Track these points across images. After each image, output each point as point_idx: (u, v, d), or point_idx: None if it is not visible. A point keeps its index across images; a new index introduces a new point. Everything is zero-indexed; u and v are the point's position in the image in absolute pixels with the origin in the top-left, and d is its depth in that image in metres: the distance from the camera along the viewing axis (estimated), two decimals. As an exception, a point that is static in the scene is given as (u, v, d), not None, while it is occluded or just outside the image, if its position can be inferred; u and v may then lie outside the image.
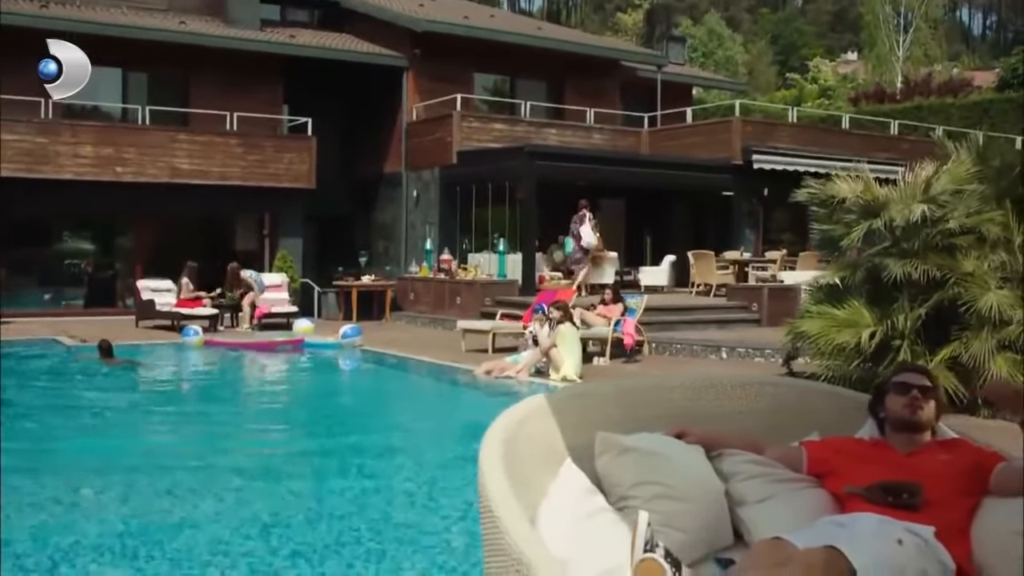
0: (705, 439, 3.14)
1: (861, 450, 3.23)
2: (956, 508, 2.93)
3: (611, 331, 12.89)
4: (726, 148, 21.80)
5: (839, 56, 65.23)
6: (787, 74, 56.96)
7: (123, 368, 12.65)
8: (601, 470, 2.87)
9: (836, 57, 63.90)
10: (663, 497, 2.81)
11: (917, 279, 8.97)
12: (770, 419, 3.41)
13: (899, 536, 2.73)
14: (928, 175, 9.35)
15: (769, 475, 3.12)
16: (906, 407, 3.19)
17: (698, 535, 2.83)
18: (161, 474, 6.93)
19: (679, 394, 3.34)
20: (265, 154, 20.92)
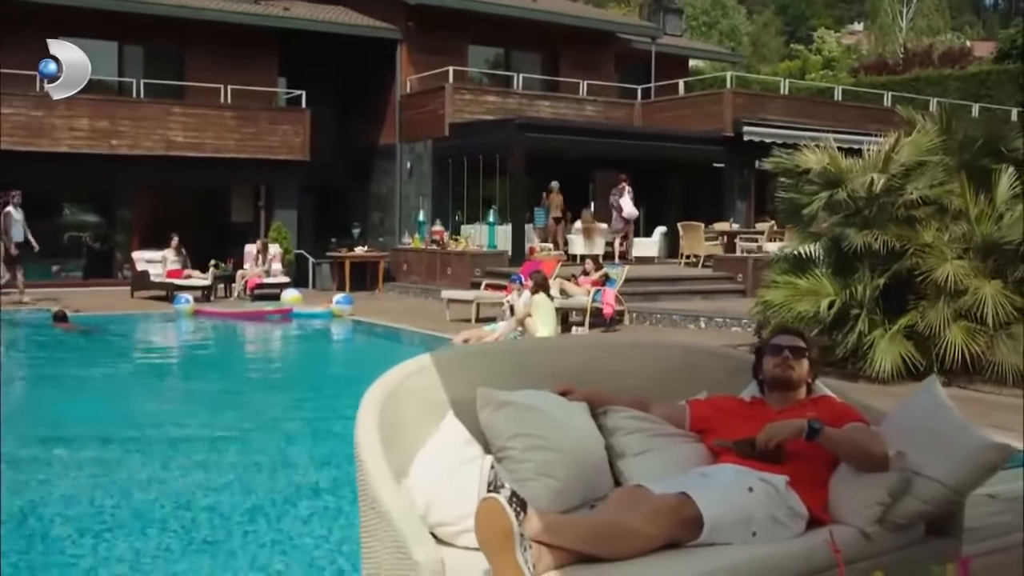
0: (590, 396, 3.37)
1: (739, 408, 3.46)
2: (815, 460, 3.15)
3: (590, 301, 13.11)
4: (717, 120, 21.93)
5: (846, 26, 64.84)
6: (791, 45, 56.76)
7: (77, 334, 12.90)
8: (483, 423, 3.09)
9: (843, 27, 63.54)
10: (537, 448, 3.03)
11: (877, 249, 9.16)
12: (661, 379, 3.63)
13: (751, 484, 2.97)
14: (888, 147, 9.51)
15: (650, 430, 3.35)
16: (778, 367, 3.42)
17: (572, 483, 3.04)
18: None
19: (572, 355, 3.57)
20: (259, 126, 21.14)
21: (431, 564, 2.25)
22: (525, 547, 2.48)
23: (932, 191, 9.45)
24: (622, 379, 3.56)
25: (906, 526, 3.11)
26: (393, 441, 2.85)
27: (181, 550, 4.79)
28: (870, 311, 9.07)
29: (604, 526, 2.72)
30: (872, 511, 3.04)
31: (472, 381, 3.21)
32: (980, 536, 4.49)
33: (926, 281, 8.92)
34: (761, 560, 2.75)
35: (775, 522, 2.92)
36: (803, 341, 3.52)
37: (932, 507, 3.12)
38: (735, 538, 2.82)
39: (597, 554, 2.65)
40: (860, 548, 2.99)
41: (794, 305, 9.18)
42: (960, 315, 8.86)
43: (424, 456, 2.89)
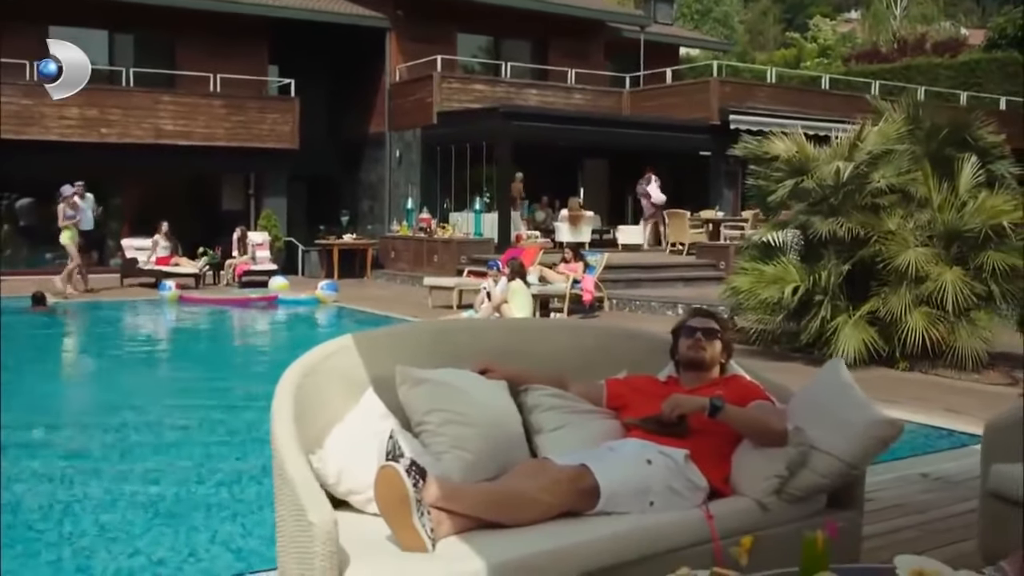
0: (510, 375, 3.53)
1: (654, 387, 3.63)
2: (717, 436, 3.32)
3: (568, 288, 13.28)
4: (704, 109, 22.07)
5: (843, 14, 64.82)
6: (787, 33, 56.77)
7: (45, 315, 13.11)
8: (401, 399, 3.26)
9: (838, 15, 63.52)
10: (452, 423, 3.20)
11: (842, 237, 9.32)
12: (583, 359, 3.79)
13: (650, 457, 3.14)
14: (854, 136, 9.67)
15: (566, 407, 3.52)
16: (690, 348, 3.59)
17: (485, 456, 3.19)
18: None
19: (495, 335, 3.74)
20: (248, 115, 21.28)
21: (324, 525, 2.41)
22: (422, 512, 2.65)
23: (898, 179, 9.61)
24: (544, 359, 3.72)
25: (804, 498, 3.27)
26: (311, 415, 3.02)
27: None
28: (834, 297, 9.23)
29: (502, 494, 2.89)
30: (770, 483, 3.21)
31: (395, 360, 3.36)
32: (904, 511, 4.71)
33: (888, 268, 9.08)
34: (653, 528, 2.92)
35: (673, 493, 3.09)
36: (716, 324, 3.69)
37: (829, 480, 3.28)
38: (632, 507, 2.99)
39: (496, 520, 2.82)
40: (758, 518, 3.16)
41: (759, 291, 9.34)
42: (921, 301, 9.03)
43: (341, 429, 3.05)
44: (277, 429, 2.77)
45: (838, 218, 9.36)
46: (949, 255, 9.34)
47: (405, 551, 2.63)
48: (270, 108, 21.71)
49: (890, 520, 4.54)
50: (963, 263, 9.24)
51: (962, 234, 9.24)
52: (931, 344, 8.88)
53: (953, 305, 8.80)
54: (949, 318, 8.90)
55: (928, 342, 8.87)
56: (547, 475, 2.97)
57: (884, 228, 9.29)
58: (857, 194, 9.56)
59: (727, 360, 3.74)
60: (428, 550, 2.64)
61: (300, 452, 2.70)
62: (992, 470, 3.72)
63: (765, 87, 24.40)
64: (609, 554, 2.79)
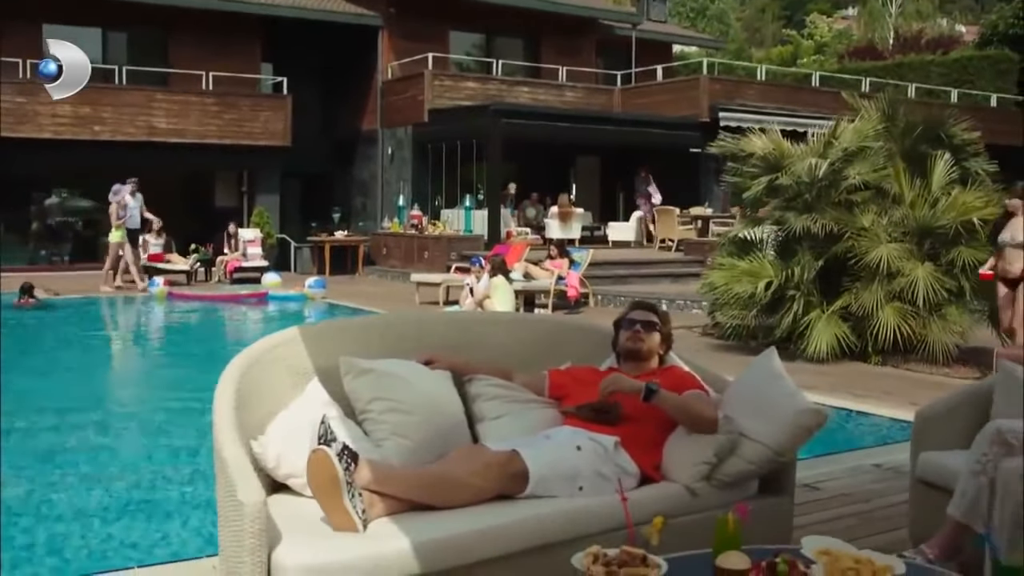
0: (455, 365, 3.67)
1: (594, 377, 3.76)
2: (650, 423, 3.46)
3: (553, 284, 13.42)
4: (694, 106, 22.20)
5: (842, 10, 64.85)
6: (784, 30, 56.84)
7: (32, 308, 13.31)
8: (346, 388, 3.40)
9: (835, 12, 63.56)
10: (393, 411, 3.33)
11: (816, 233, 9.45)
12: (529, 350, 3.93)
13: (580, 443, 3.28)
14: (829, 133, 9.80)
15: (508, 397, 3.66)
16: (630, 339, 3.73)
17: (425, 443, 3.32)
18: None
19: (442, 328, 3.88)
20: (241, 113, 21.40)
21: (253, 505, 2.55)
22: (353, 494, 2.79)
23: (873, 176, 9.74)
24: (491, 350, 3.86)
25: (733, 484, 3.41)
26: (255, 403, 3.16)
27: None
28: (807, 293, 9.36)
29: (434, 477, 3.03)
30: (699, 469, 3.35)
31: (342, 351, 3.50)
32: (851, 500, 4.85)
33: (861, 264, 9.21)
34: (578, 511, 3.06)
35: (602, 478, 3.22)
36: (656, 316, 3.83)
37: (756, 466, 3.42)
38: (561, 491, 3.13)
39: (428, 502, 2.96)
40: (686, 503, 3.30)
41: (733, 286, 9.46)
42: (894, 297, 9.15)
43: (283, 416, 3.19)
44: (217, 415, 2.92)
45: (812, 214, 9.49)
46: (922, 251, 9.47)
47: (337, 531, 2.77)
48: (262, 106, 21.83)
49: (835, 508, 4.68)
50: (936, 259, 9.37)
51: (934, 230, 9.37)
52: (903, 339, 9.01)
53: (924, 300, 8.93)
54: (921, 313, 9.02)
55: (900, 337, 8.99)
56: (478, 460, 3.11)
57: (857, 224, 9.41)
58: (833, 190, 9.68)
59: (666, 352, 3.88)
60: (359, 530, 2.77)
61: (236, 437, 2.83)
62: (920, 458, 3.86)
63: (755, 84, 24.53)
64: (534, 535, 2.93)
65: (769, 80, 25.93)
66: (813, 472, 5.31)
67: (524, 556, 2.91)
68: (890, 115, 10.24)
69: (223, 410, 2.93)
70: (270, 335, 3.45)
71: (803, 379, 8.49)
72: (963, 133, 10.15)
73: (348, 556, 2.63)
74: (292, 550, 2.61)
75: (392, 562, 2.67)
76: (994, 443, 3.44)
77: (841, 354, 9.24)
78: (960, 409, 3.94)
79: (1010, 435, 3.43)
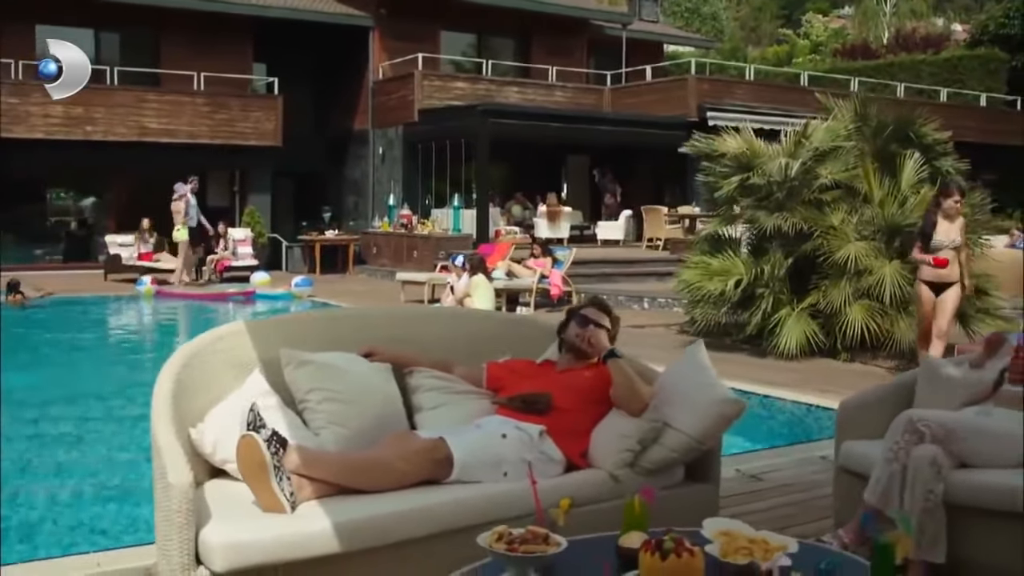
0: (395, 358, 3.83)
1: (529, 369, 3.93)
2: (579, 414, 3.63)
3: (535, 282, 13.58)
4: (682, 106, 22.34)
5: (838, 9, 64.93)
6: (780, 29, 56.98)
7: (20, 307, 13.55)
8: (286, 379, 3.56)
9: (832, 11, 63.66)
10: (330, 400, 3.49)
11: (786, 231, 9.60)
12: (469, 344, 4.09)
13: (505, 432, 3.45)
14: (800, 133, 9.95)
15: (446, 388, 3.82)
16: (578, 336, 3.86)
17: (361, 431, 3.47)
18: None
19: (384, 322, 4.03)
20: (232, 113, 21.56)
21: (181, 486, 2.71)
22: (281, 477, 2.95)
23: (844, 175, 9.90)
24: (431, 344, 4.02)
25: (657, 471, 3.58)
26: (196, 392, 3.32)
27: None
28: (777, 291, 9.51)
29: (361, 462, 3.20)
30: (622, 456, 3.52)
31: (285, 344, 3.66)
32: (792, 490, 5.01)
33: (829, 262, 9.37)
34: (501, 494, 3.22)
35: (527, 464, 3.37)
36: (608, 320, 3.96)
37: (678, 454, 3.59)
38: (486, 477, 3.30)
39: (355, 486, 3.12)
40: (610, 489, 3.46)
41: (704, 284, 9.62)
42: (862, 294, 9.30)
43: (223, 405, 3.35)
44: (155, 404, 3.08)
45: (783, 213, 9.64)
46: (891, 249, 9.62)
47: (266, 512, 2.93)
48: (253, 106, 21.99)
49: (775, 498, 4.84)
50: (904, 257, 9.51)
51: (903, 228, 9.51)
52: (870, 336, 9.16)
53: (891, 298, 9.07)
54: (888, 311, 9.17)
55: (867, 334, 9.14)
56: (405, 446, 3.27)
57: (827, 223, 9.57)
58: (806, 189, 9.83)
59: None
60: (287, 511, 2.94)
61: (171, 424, 3.00)
62: (843, 447, 4.02)
63: (744, 84, 24.67)
64: (455, 518, 3.09)
65: (758, 80, 26.07)
66: (760, 464, 5.47)
67: (447, 537, 3.06)
68: (862, 115, 10.39)
69: (161, 399, 3.09)
70: (215, 328, 3.61)
71: (770, 375, 8.69)
72: (933, 133, 10.30)
73: (271, 534, 2.80)
74: (218, 529, 2.77)
75: (315, 540, 2.83)
76: (906, 431, 3.60)
77: (811, 351, 9.40)
78: (884, 400, 4.10)
79: (921, 424, 3.59)
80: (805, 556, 2.75)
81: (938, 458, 3.50)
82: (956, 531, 3.48)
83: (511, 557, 2.47)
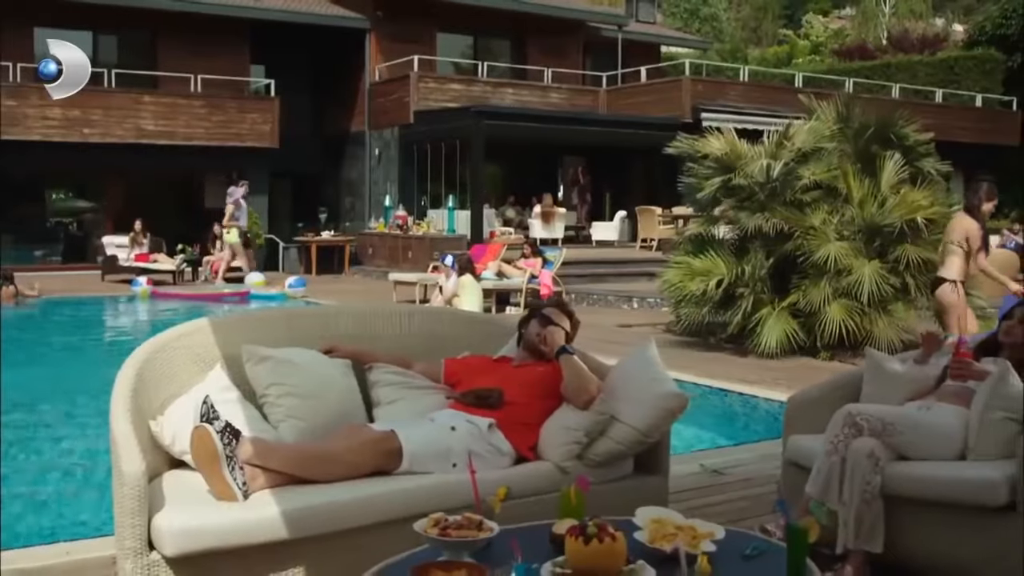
0: (355, 354, 3.96)
1: (485, 365, 4.06)
2: (530, 408, 3.75)
3: (525, 282, 13.71)
4: (677, 107, 22.46)
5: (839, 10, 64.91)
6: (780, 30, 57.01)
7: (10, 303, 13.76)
8: (247, 374, 3.69)
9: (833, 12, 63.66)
10: (289, 395, 3.62)
11: (767, 232, 9.72)
12: (429, 341, 4.22)
13: (455, 424, 3.58)
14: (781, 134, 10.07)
15: (404, 383, 3.95)
16: (538, 335, 3.98)
17: (318, 425, 3.59)
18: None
19: (346, 320, 4.15)
20: (228, 115, 21.72)
21: (133, 474, 2.84)
22: (233, 467, 3.09)
23: (826, 176, 10.01)
24: (393, 340, 4.15)
25: (604, 463, 3.69)
26: (158, 386, 3.46)
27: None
28: (758, 291, 9.63)
29: (312, 453, 3.33)
30: (569, 448, 3.65)
31: (249, 340, 3.79)
32: (750, 484, 5.13)
33: (808, 262, 9.48)
34: (448, 484, 3.34)
35: (476, 456, 3.49)
36: (568, 320, 4.08)
37: (624, 447, 3.71)
38: (436, 468, 3.42)
39: (306, 476, 3.25)
40: (557, 480, 3.57)
41: (687, 284, 9.74)
42: (841, 294, 9.41)
43: (184, 398, 3.48)
44: (114, 396, 3.21)
45: (765, 213, 9.76)
46: (871, 249, 9.73)
47: (218, 500, 3.06)
48: (249, 108, 22.15)
49: (734, 492, 4.97)
50: (883, 257, 9.64)
51: (882, 228, 9.63)
52: (849, 334, 9.27)
53: (869, 297, 9.19)
54: (866, 310, 9.28)
55: (846, 333, 9.25)
56: (356, 437, 3.40)
57: (808, 223, 9.68)
58: (788, 190, 9.95)
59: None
60: (239, 500, 3.07)
61: (129, 416, 3.13)
62: (789, 441, 4.15)
63: (738, 85, 24.79)
64: (402, 506, 3.21)
65: (753, 81, 26.18)
66: (724, 459, 5.60)
67: (395, 525, 3.17)
68: (844, 116, 10.51)
69: (121, 391, 3.22)
70: (179, 325, 3.75)
71: (750, 374, 8.81)
72: (914, 134, 10.41)
73: (221, 520, 2.93)
74: (170, 515, 2.90)
75: (263, 527, 2.97)
76: (845, 425, 3.73)
77: (791, 350, 9.51)
78: (831, 395, 4.22)
79: (859, 418, 3.72)
80: (732, 542, 2.89)
81: (876, 451, 3.63)
82: (894, 521, 3.61)
83: (444, 542, 2.60)
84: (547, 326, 3.97)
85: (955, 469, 3.63)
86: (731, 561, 2.72)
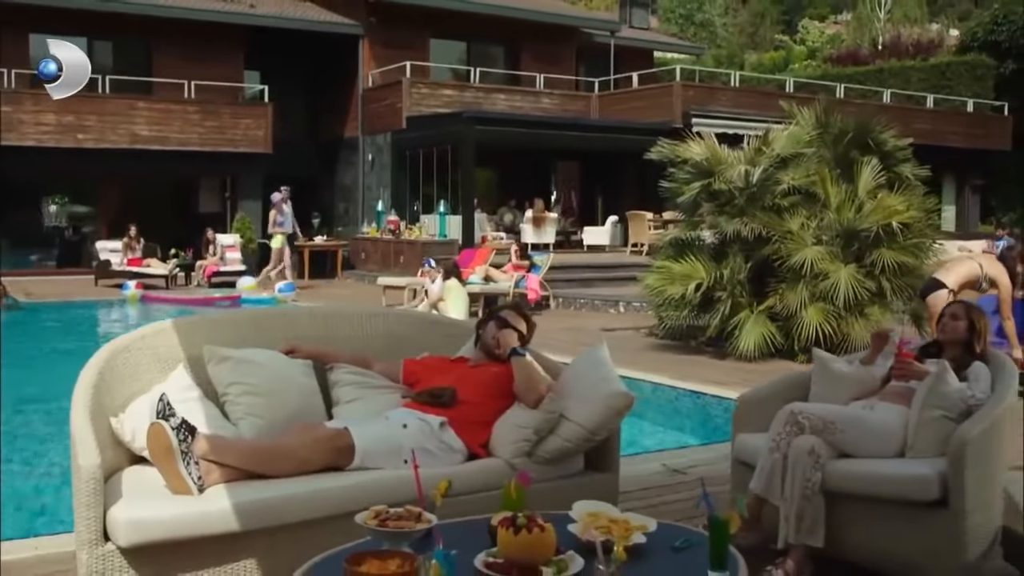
0: (316, 354, 4.08)
1: (443, 365, 4.18)
2: (482, 406, 3.88)
3: (512, 287, 13.83)
4: (668, 112, 22.60)
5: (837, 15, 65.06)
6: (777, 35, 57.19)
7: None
8: (209, 374, 3.82)
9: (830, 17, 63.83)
10: (249, 393, 3.75)
11: (746, 236, 9.85)
12: (389, 342, 4.34)
13: (406, 422, 3.70)
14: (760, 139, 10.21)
15: (363, 383, 4.08)
16: (494, 337, 4.10)
17: (277, 422, 3.70)
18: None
19: (308, 321, 4.29)
20: (222, 120, 21.85)
21: (88, 468, 2.97)
22: (188, 462, 3.21)
23: (805, 181, 10.14)
24: (355, 342, 4.27)
25: (554, 460, 3.82)
26: (121, 385, 3.59)
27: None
28: (736, 294, 9.76)
29: (265, 449, 3.46)
30: (519, 446, 3.77)
31: (212, 341, 3.92)
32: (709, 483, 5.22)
33: (785, 266, 9.61)
34: (397, 479, 3.43)
35: (427, 453, 3.62)
36: (524, 323, 4.20)
37: (573, 444, 3.83)
38: (387, 464, 3.54)
39: (259, 471, 3.38)
40: (506, 476, 3.66)
41: (667, 288, 9.87)
42: (818, 297, 9.54)
43: (145, 397, 3.60)
44: (76, 393, 3.34)
45: (743, 218, 9.89)
46: (848, 253, 9.86)
47: (174, 494, 3.19)
48: (243, 113, 22.28)
49: (691, 491, 5.08)
50: (860, 261, 9.77)
51: (859, 233, 9.76)
52: (826, 338, 9.38)
53: (845, 301, 9.31)
54: (843, 313, 9.41)
55: (823, 336, 9.37)
56: (309, 434, 3.53)
57: (785, 228, 9.81)
58: (767, 195, 10.07)
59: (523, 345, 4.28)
60: (193, 493, 3.20)
61: (87, 412, 3.25)
62: (737, 439, 4.28)
63: (729, 90, 24.93)
64: (351, 501, 3.30)
65: (744, 86, 26.34)
66: (687, 459, 5.73)
67: (343, 519, 3.28)
68: (823, 122, 10.64)
69: (82, 389, 3.35)
70: (144, 326, 3.88)
71: (726, 376, 8.94)
72: (892, 139, 10.54)
73: (174, 512, 3.06)
74: (125, 507, 3.03)
75: (214, 519, 3.09)
76: (787, 423, 3.86)
77: (769, 353, 9.64)
78: (779, 394, 4.34)
79: (801, 416, 3.85)
80: (664, 535, 3.02)
81: (816, 448, 3.76)
82: (835, 516, 3.74)
83: (382, 532, 2.72)
84: (503, 328, 4.09)
85: (893, 466, 3.75)
86: (660, 552, 2.85)
